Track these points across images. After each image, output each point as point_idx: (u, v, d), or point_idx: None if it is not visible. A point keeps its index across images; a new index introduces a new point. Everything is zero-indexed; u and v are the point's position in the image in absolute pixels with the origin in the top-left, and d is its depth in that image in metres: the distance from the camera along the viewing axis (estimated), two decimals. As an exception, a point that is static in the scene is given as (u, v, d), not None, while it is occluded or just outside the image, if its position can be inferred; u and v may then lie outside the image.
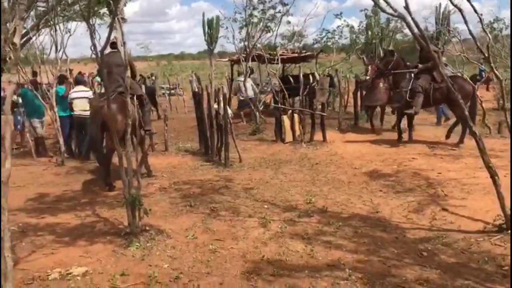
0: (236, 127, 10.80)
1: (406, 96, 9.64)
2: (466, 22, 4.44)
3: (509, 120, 7.68)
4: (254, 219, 5.44)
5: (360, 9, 14.79)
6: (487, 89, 20.09)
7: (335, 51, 15.60)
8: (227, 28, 12.97)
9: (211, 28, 11.72)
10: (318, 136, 10.35)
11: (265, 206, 5.95)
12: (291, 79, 13.38)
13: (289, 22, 13.72)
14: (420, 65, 9.60)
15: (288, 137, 10.44)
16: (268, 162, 8.61)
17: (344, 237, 4.83)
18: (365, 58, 11.97)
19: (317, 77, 11.96)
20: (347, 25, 15.04)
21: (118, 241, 4.83)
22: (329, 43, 14.97)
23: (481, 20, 4.60)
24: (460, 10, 4.45)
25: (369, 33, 14.86)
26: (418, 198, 6.09)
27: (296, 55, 14.76)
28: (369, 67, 11.36)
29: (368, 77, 11.21)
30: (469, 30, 4.51)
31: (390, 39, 14.78)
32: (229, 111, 8.87)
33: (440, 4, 13.40)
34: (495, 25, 11.77)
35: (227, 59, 16.02)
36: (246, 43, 12.42)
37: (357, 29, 15.63)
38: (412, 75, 9.71)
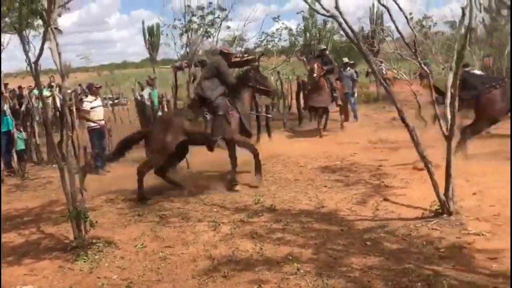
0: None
1: None
2: (393, 20, 4.72)
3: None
4: (204, 223, 5.46)
5: (297, 11, 15.09)
6: (421, 84, 21.07)
7: (275, 53, 15.88)
8: (167, 35, 12.91)
9: (152, 36, 11.61)
10: (264, 137, 10.50)
11: (215, 210, 5.99)
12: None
13: (228, 27, 13.81)
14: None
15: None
16: (216, 166, 8.63)
17: (292, 233, 4.95)
18: (305, 59, 12.29)
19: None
20: (286, 28, 15.35)
21: (65, 256, 4.73)
22: (269, 46, 15.22)
23: (407, 18, 4.89)
24: (386, 8, 4.72)
25: (307, 34, 15.25)
26: (361, 191, 6.33)
27: (239, 59, 14.86)
28: (315, 66, 11.39)
29: (316, 75, 11.20)
30: (396, 28, 4.80)
31: (328, 40, 15.24)
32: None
33: (373, 5, 13.98)
34: (424, 23, 12.44)
35: (170, 66, 15.87)
36: (187, 49, 12.38)
37: (295, 31, 16.00)
38: None
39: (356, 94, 13.63)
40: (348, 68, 12.94)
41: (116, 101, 21.60)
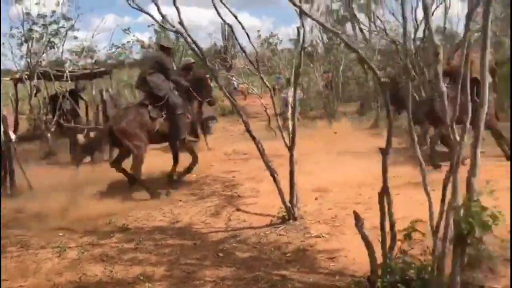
0: (27, 152, 9.94)
1: None
2: (235, 38, 4.94)
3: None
4: (48, 250, 5.03)
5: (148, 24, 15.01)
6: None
7: (127, 66, 15.49)
8: (4, 44, 11.77)
9: (-15, 44, 10.45)
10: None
11: (61, 234, 5.55)
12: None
13: (76, 37, 13.09)
14: None
15: (86, 157, 9.90)
16: (66, 186, 8.02)
17: (145, 251, 4.82)
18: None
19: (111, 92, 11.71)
20: (137, 40, 15.08)
21: None
22: (121, 58, 14.80)
23: (248, 36, 5.16)
24: (230, 26, 4.92)
25: (160, 48, 15.13)
26: (215, 203, 6.45)
27: (89, 71, 14.15)
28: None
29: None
30: (239, 44, 5.02)
31: (181, 54, 15.34)
32: (12, 136, 8.02)
33: (224, 21, 14.37)
34: (271, 40, 13.26)
35: (9, 78, 14.40)
36: (28, 60, 11.41)
37: (147, 44, 15.77)
38: None
39: None
40: None
41: None
